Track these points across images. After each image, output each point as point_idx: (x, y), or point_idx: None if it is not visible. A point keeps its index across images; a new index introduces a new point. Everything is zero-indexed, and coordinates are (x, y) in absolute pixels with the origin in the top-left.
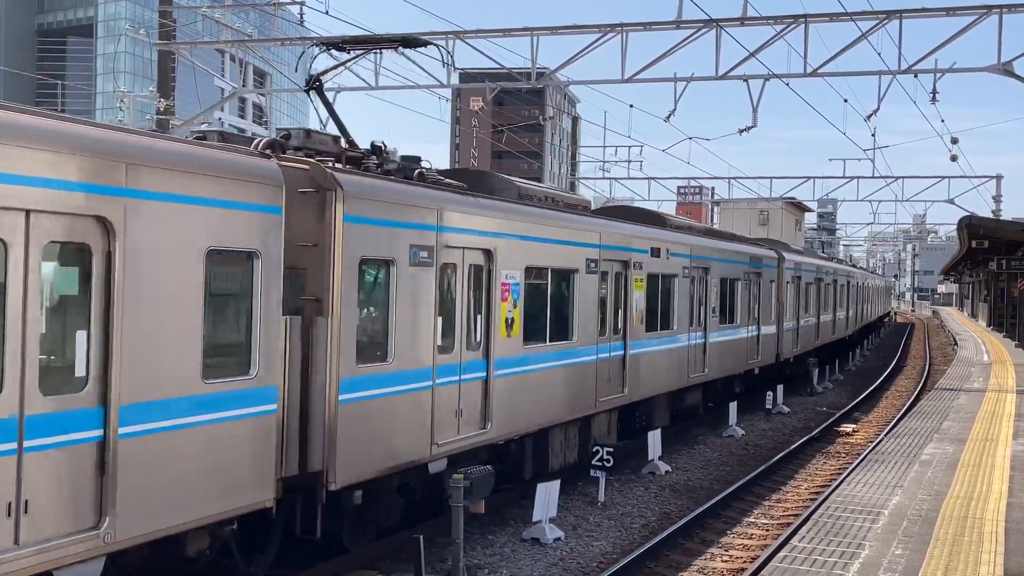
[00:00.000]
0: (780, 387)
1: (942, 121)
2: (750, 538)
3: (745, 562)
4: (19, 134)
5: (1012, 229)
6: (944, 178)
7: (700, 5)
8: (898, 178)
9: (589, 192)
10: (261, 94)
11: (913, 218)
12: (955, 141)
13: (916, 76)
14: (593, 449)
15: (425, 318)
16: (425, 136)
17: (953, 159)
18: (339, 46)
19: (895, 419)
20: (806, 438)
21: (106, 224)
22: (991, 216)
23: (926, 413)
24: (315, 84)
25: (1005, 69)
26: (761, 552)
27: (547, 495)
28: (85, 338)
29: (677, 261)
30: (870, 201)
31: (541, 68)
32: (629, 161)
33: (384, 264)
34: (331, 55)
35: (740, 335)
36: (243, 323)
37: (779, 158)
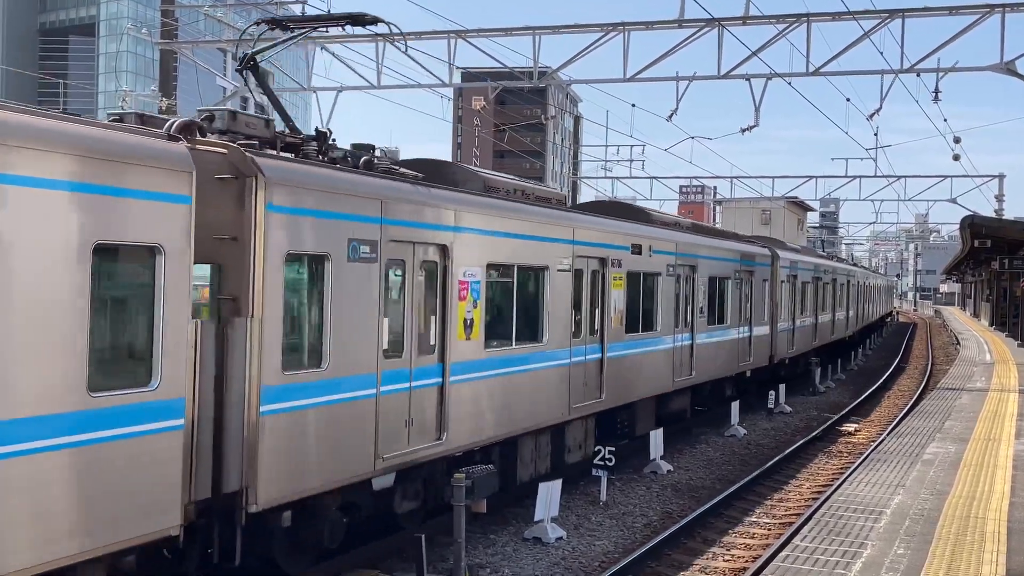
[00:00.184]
0: (782, 387)
1: (944, 120)
2: (752, 537)
3: (747, 561)
4: None
5: (1014, 228)
6: (946, 177)
7: (702, 4)
8: (900, 177)
9: (591, 192)
10: (263, 93)
11: (915, 217)
12: (957, 140)
13: (918, 75)
14: (595, 448)
15: (368, 319)
16: (427, 136)
17: (956, 158)
18: (283, 24)
19: (897, 418)
20: (808, 437)
21: None
22: (993, 215)
23: (928, 412)
24: (249, 63)
25: (1008, 68)
26: (763, 551)
27: (549, 494)
28: None
29: (661, 259)
30: (872, 200)
31: (543, 67)
32: (631, 160)
33: (317, 259)
34: (277, 31)
35: (730, 336)
36: (142, 327)
37: (781, 157)
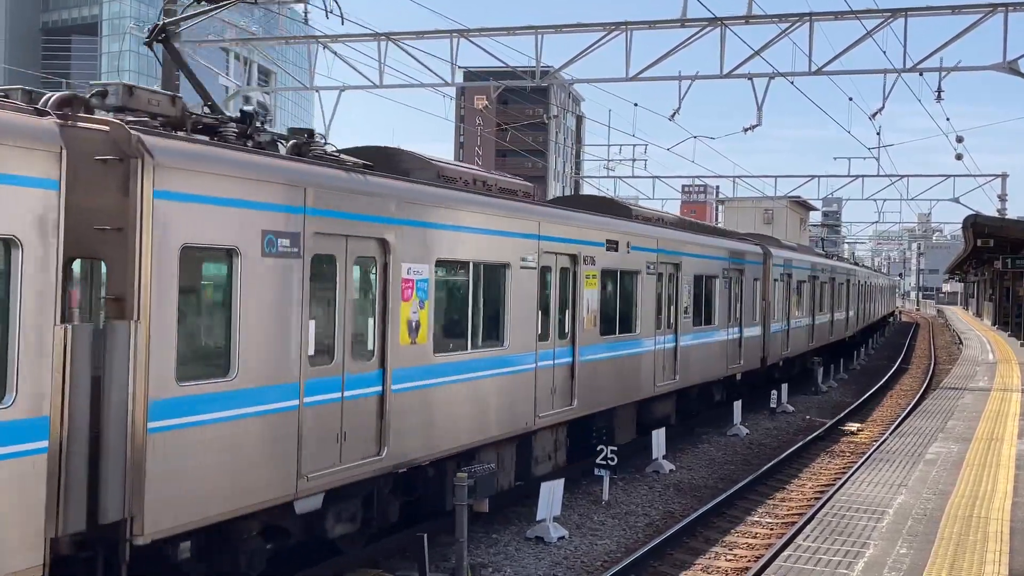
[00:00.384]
0: (784, 386)
1: (947, 119)
2: (754, 537)
3: (749, 561)
4: None
5: (1017, 228)
6: (949, 177)
7: (705, 3)
8: (903, 177)
9: (593, 191)
10: (266, 92)
11: (918, 217)
12: (960, 140)
13: (921, 74)
14: (597, 448)
15: (289, 322)
16: (430, 135)
17: (958, 158)
18: None
19: (900, 418)
20: (810, 437)
21: None
22: (996, 215)
23: (931, 412)
24: (159, 36)
25: (1010, 67)
26: (765, 551)
27: (551, 494)
28: None
29: (640, 256)
30: (875, 200)
31: (545, 67)
32: (634, 160)
33: (223, 254)
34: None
35: (718, 338)
36: None
37: (784, 157)
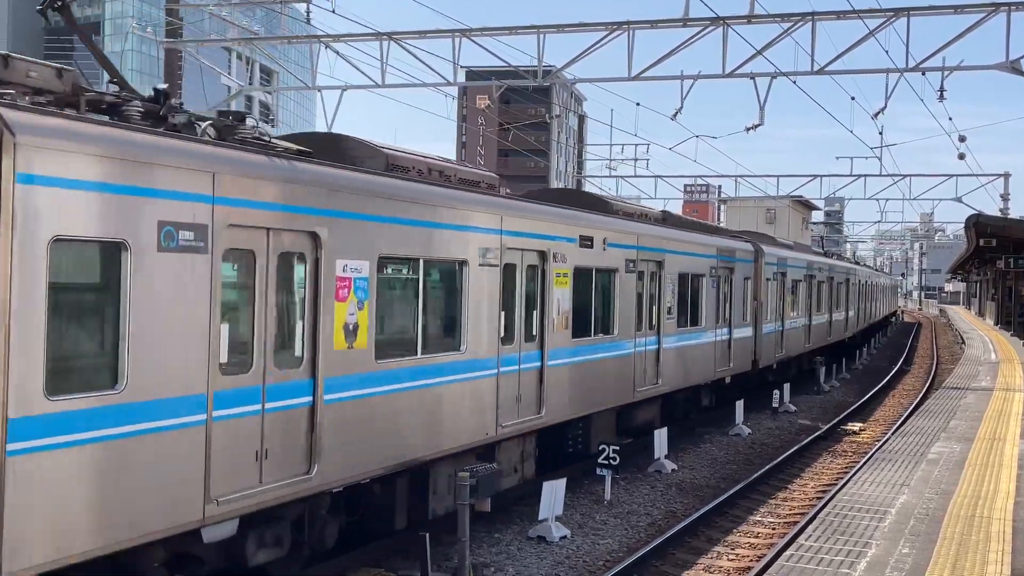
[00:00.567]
0: (787, 386)
1: (950, 119)
2: (756, 537)
3: (752, 561)
4: None
5: (1020, 227)
6: (952, 176)
7: (707, 3)
8: (905, 176)
9: (596, 191)
10: (268, 92)
11: (920, 216)
12: (963, 139)
13: (924, 74)
14: (599, 447)
15: (193, 326)
16: (432, 135)
17: (961, 157)
18: None
19: (902, 418)
20: (813, 436)
21: None
22: (999, 214)
23: (933, 412)
24: (55, 3)
25: (1013, 67)
26: (768, 551)
27: (553, 493)
28: None
29: (618, 253)
30: (877, 199)
31: (547, 66)
32: (636, 159)
33: (109, 248)
34: None
35: (705, 339)
36: None
37: (786, 156)
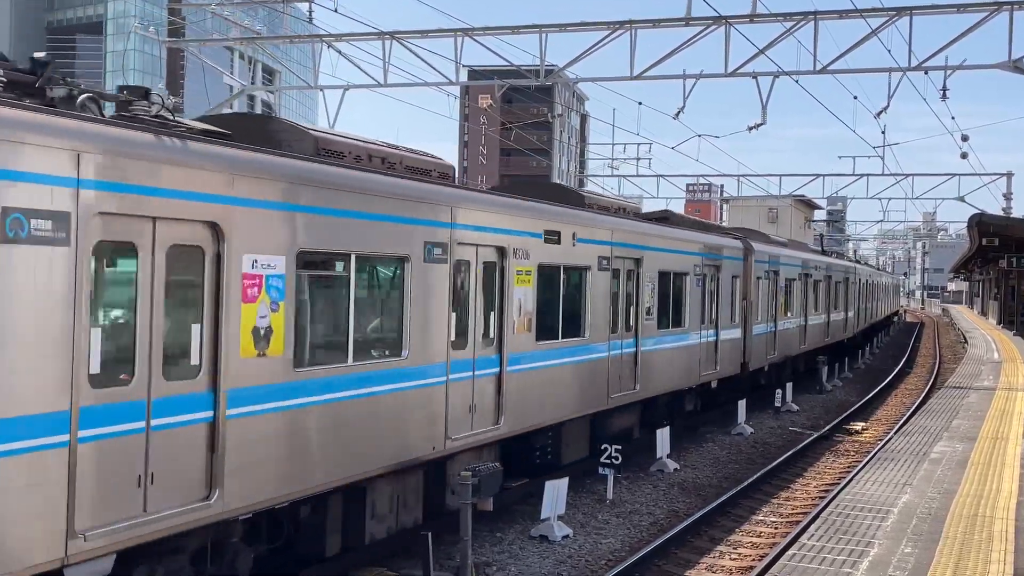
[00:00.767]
0: (789, 385)
1: (952, 118)
2: (759, 536)
3: (754, 560)
4: None
5: (1022, 227)
6: (954, 175)
7: (709, 2)
8: (908, 175)
9: (598, 190)
10: (270, 91)
11: (923, 216)
12: (965, 138)
13: (926, 73)
14: (602, 447)
15: (50, 331)
16: (435, 134)
17: (963, 156)
18: None
19: (904, 417)
20: (815, 436)
21: None
22: (1001, 213)
23: (936, 411)
24: None
25: (1016, 66)
26: (770, 550)
27: (555, 493)
28: None
29: (590, 249)
30: (880, 199)
31: (550, 65)
32: (638, 159)
33: None
34: None
35: (689, 342)
36: None
37: (788, 156)
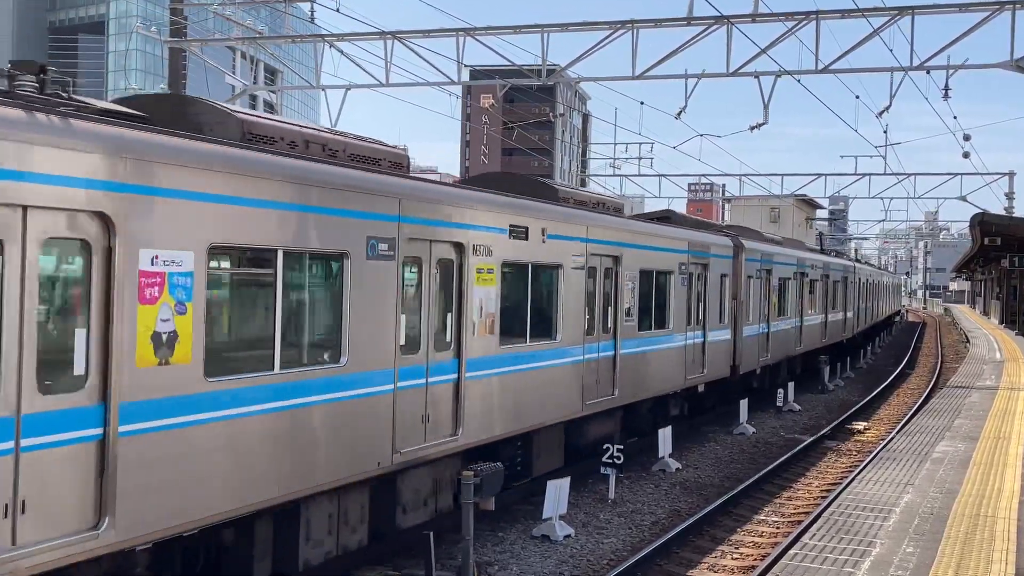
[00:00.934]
0: (791, 384)
1: (954, 118)
2: (761, 536)
3: (756, 560)
4: None
5: None
6: (956, 175)
7: (711, 2)
8: (910, 175)
9: (600, 189)
10: (272, 91)
11: (925, 215)
12: (967, 138)
13: (928, 72)
14: (603, 447)
15: None
16: (437, 134)
17: (965, 156)
18: None
19: (906, 417)
20: (817, 436)
21: None
22: (1004, 213)
23: (938, 411)
24: None
25: (1018, 65)
26: (772, 550)
27: (557, 492)
28: None
29: (562, 246)
30: (882, 198)
31: (552, 65)
32: (640, 158)
33: None
34: None
35: (673, 344)
36: None
37: (790, 155)
